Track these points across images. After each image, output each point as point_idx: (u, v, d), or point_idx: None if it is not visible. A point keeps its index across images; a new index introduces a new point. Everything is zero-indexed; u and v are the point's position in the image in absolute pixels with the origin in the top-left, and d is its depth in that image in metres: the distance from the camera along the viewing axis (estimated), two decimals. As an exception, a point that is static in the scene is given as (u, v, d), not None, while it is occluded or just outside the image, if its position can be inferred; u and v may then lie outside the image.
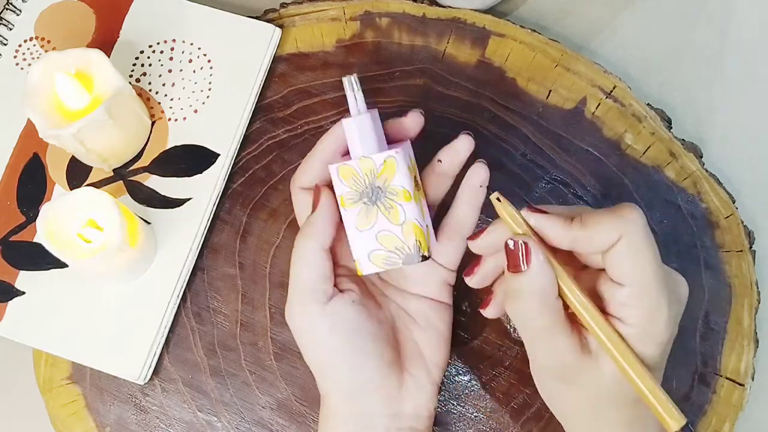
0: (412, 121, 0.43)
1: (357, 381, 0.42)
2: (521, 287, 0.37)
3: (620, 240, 0.36)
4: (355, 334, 0.41)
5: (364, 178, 0.41)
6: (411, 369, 0.44)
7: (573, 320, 0.38)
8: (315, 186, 0.43)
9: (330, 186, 0.42)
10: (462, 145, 0.43)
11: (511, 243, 0.37)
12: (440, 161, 0.44)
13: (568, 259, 0.39)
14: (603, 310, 0.37)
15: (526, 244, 0.37)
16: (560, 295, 0.37)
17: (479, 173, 0.43)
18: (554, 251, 0.38)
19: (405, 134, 0.43)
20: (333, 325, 0.41)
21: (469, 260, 0.43)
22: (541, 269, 0.37)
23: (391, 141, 0.43)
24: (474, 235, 0.41)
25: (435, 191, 0.45)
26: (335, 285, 0.42)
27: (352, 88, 0.41)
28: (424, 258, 0.41)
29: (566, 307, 0.38)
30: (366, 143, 0.41)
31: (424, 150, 0.45)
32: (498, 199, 0.39)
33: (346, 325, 0.41)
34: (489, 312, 0.43)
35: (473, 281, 0.42)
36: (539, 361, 0.40)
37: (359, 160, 0.41)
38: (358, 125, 0.41)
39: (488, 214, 0.51)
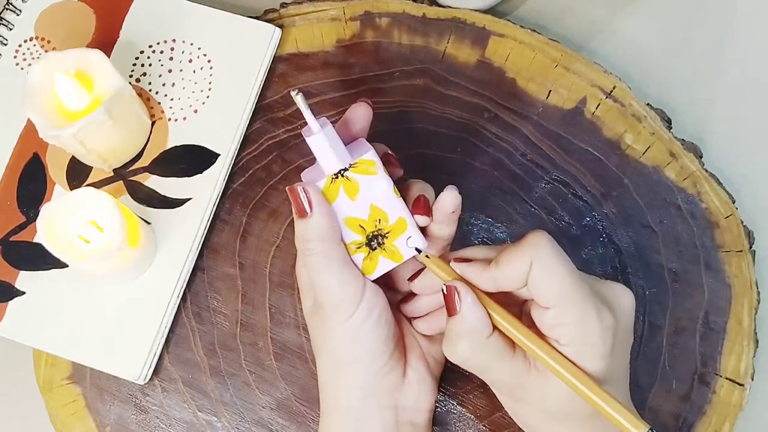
0: (358, 114, 0.42)
1: (369, 375, 0.42)
2: (455, 329, 0.39)
3: (532, 266, 0.37)
4: (382, 322, 0.42)
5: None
6: (411, 361, 0.44)
7: (515, 343, 0.39)
8: (296, 189, 0.41)
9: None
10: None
11: (445, 289, 0.39)
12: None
13: (508, 300, 0.40)
14: (541, 336, 0.38)
15: (456, 288, 0.39)
16: (497, 328, 0.39)
17: (451, 200, 0.41)
18: (492, 295, 0.39)
19: (354, 129, 0.42)
20: (367, 315, 0.41)
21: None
22: (470, 309, 0.38)
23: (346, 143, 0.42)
24: (412, 277, 0.43)
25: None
26: None
27: (304, 104, 0.39)
28: (418, 251, 0.42)
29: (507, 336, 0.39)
30: (340, 154, 0.40)
31: (426, 150, 0.45)
32: (427, 256, 0.41)
33: (376, 314, 0.42)
34: (420, 326, 0.45)
35: (407, 310, 0.44)
36: (489, 383, 0.41)
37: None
38: (328, 137, 0.39)
39: (488, 213, 0.51)
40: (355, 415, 0.42)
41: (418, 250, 0.41)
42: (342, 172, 0.40)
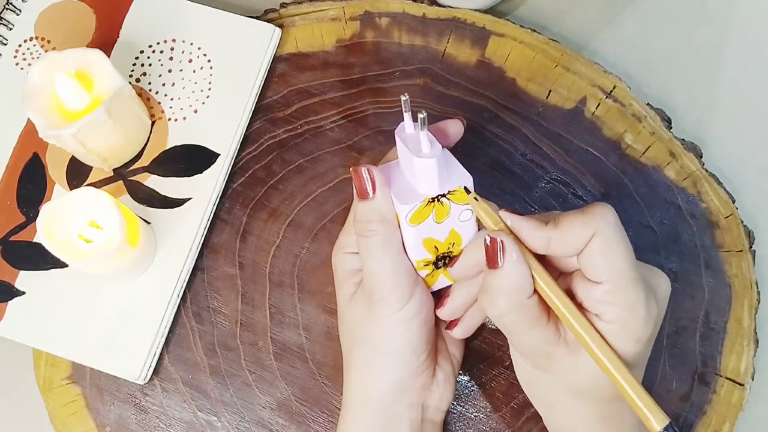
0: (454, 129, 0.42)
1: (406, 372, 0.42)
2: (495, 283, 0.37)
3: (593, 237, 0.36)
4: (429, 320, 0.42)
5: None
6: (440, 360, 0.44)
7: (551, 312, 0.38)
8: (360, 170, 0.40)
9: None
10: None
11: (487, 239, 0.37)
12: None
13: (545, 267, 0.39)
14: (580, 308, 0.37)
15: (502, 241, 0.37)
16: (537, 290, 0.38)
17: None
18: (533, 257, 0.38)
19: (442, 141, 0.42)
20: (418, 310, 0.41)
21: (441, 293, 0.44)
22: (514, 267, 0.37)
23: None
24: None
25: None
26: None
27: (423, 125, 0.37)
28: (467, 191, 0.40)
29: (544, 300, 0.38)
30: (443, 180, 0.39)
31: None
32: (476, 198, 0.39)
33: (426, 311, 0.42)
34: (457, 332, 0.44)
35: (442, 312, 0.43)
36: (514, 346, 0.40)
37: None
38: (439, 163, 0.38)
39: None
40: (386, 410, 0.42)
41: (467, 190, 0.40)
42: (440, 196, 0.39)
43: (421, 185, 0.39)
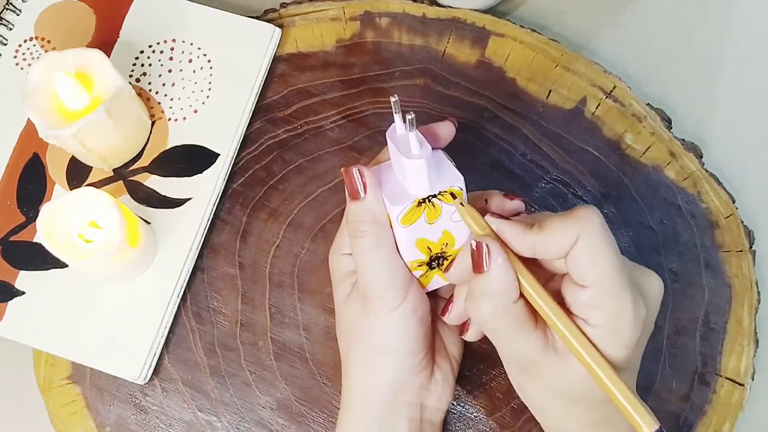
0: (445, 131, 0.42)
1: (403, 372, 0.42)
2: (480, 288, 0.37)
3: (578, 240, 0.36)
4: (425, 320, 0.42)
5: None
6: (438, 361, 0.44)
7: (538, 317, 0.38)
8: (351, 170, 0.40)
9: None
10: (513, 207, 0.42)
11: (473, 243, 0.37)
12: (486, 202, 0.42)
13: (534, 269, 0.39)
14: (568, 313, 0.37)
15: (488, 245, 0.37)
16: (523, 296, 0.37)
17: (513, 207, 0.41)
18: (520, 260, 0.38)
19: (434, 144, 0.42)
20: (413, 310, 0.41)
21: (437, 293, 0.45)
22: (500, 271, 0.37)
23: None
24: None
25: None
26: None
27: (411, 126, 0.37)
28: (453, 196, 0.40)
29: (531, 305, 0.38)
30: (433, 180, 0.39)
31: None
32: (461, 204, 0.39)
33: (421, 311, 0.42)
34: (469, 336, 0.44)
35: (449, 318, 0.43)
36: (502, 354, 0.40)
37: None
38: (429, 164, 0.38)
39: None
40: (384, 409, 0.42)
41: (454, 195, 0.40)
42: (430, 197, 0.39)
43: (411, 186, 0.39)
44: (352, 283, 0.43)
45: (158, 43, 0.54)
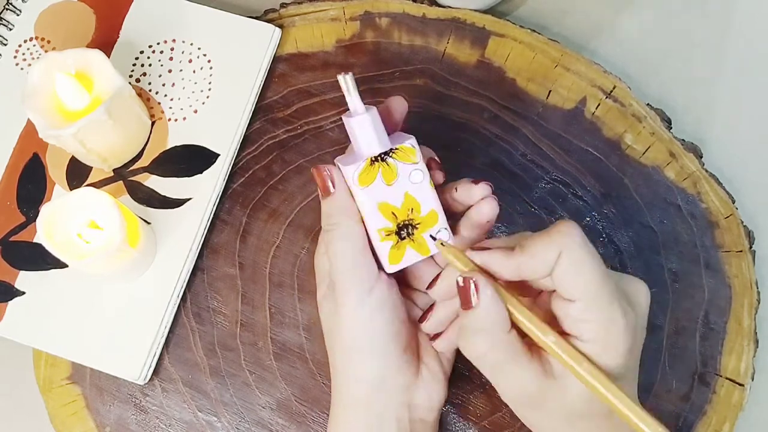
0: (397, 104, 0.43)
1: (384, 368, 0.42)
2: (472, 323, 0.37)
3: (560, 256, 0.36)
4: (395, 317, 0.42)
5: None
6: (426, 359, 0.44)
7: (532, 346, 0.38)
8: (321, 168, 0.42)
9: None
10: (479, 194, 0.42)
11: (460, 280, 0.38)
12: (456, 190, 0.42)
13: (522, 289, 0.39)
14: (560, 331, 0.37)
15: (474, 281, 0.37)
16: (515, 325, 0.37)
17: (490, 210, 0.42)
18: (507, 283, 0.38)
19: (391, 121, 0.43)
20: (380, 306, 0.41)
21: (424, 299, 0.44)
22: (490, 304, 0.37)
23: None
24: (431, 284, 0.42)
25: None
26: None
27: (352, 84, 0.40)
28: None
29: (524, 335, 0.38)
30: (382, 138, 0.41)
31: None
32: (442, 244, 0.40)
33: (389, 308, 0.42)
34: (439, 345, 0.43)
35: (427, 327, 0.43)
36: (503, 392, 0.39)
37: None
38: (373, 120, 0.40)
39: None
40: (370, 408, 0.42)
41: (434, 237, 0.41)
42: (382, 156, 0.40)
43: (362, 147, 0.40)
44: (328, 281, 0.44)
45: (158, 43, 0.54)
